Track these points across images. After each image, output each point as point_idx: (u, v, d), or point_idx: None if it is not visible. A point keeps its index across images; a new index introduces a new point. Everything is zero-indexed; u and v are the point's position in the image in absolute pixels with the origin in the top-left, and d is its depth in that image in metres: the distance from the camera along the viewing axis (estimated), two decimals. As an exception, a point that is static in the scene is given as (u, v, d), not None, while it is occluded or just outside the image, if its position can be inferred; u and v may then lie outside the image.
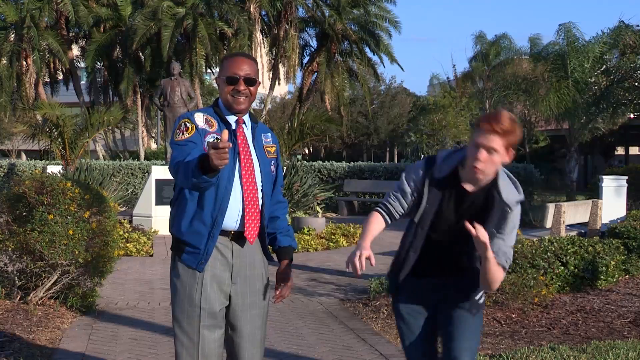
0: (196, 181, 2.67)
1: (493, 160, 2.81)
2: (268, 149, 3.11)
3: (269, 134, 3.18)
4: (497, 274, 2.85)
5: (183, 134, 2.92)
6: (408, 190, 2.99)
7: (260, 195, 3.02)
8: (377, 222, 3.02)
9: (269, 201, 3.09)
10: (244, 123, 3.06)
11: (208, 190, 2.89)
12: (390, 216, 3.03)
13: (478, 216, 2.87)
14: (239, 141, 3.01)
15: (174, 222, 3.04)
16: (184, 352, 2.99)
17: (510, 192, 2.89)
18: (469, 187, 2.93)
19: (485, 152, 2.80)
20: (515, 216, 2.90)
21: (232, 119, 3.03)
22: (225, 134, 2.56)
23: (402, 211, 3.04)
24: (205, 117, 2.99)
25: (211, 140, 2.91)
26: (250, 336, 3.05)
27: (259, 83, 3.07)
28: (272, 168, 3.11)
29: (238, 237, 3.01)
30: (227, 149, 2.53)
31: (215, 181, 2.74)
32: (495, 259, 2.80)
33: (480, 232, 2.74)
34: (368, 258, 2.81)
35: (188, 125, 2.93)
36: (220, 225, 2.94)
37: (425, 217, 2.97)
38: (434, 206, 2.95)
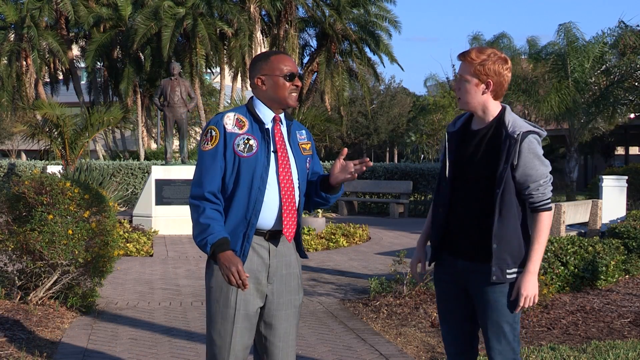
0: (199, 245, 2.88)
1: (466, 88, 3.01)
2: (303, 146, 3.09)
3: (304, 131, 3.16)
4: (541, 232, 2.96)
5: (208, 143, 2.92)
6: (442, 156, 3.21)
7: (297, 193, 3.00)
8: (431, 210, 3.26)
9: (303, 199, 3.08)
10: (280, 121, 3.04)
11: (240, 191, 2.90)
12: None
13: (491, 154, 2.97)
14: (277, 139, 2.98)
15: None
16: (216, 351, 2.97)
17: (518, 125, 2.97)
18: (475, 127, 3.10)
19: (459, 82, 3.02)
20: (527, 145, 2.93)
21: (268, 117, 3.00)
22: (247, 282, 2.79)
23: None
24: (236, 117, 2.95)
25: (241, 143, 2.90)
26: (285, 335, 3.04)
27: None
28: (307, 165, 3.09)
29: (274, 235, 2.99)
30: (240, 286, 2.78)
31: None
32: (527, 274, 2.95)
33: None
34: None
35: (214, 133, 2.92)
36: (254, 225, 2.91)
37: (447, 168, 3.10)
38: (452, 155, 3.09)
